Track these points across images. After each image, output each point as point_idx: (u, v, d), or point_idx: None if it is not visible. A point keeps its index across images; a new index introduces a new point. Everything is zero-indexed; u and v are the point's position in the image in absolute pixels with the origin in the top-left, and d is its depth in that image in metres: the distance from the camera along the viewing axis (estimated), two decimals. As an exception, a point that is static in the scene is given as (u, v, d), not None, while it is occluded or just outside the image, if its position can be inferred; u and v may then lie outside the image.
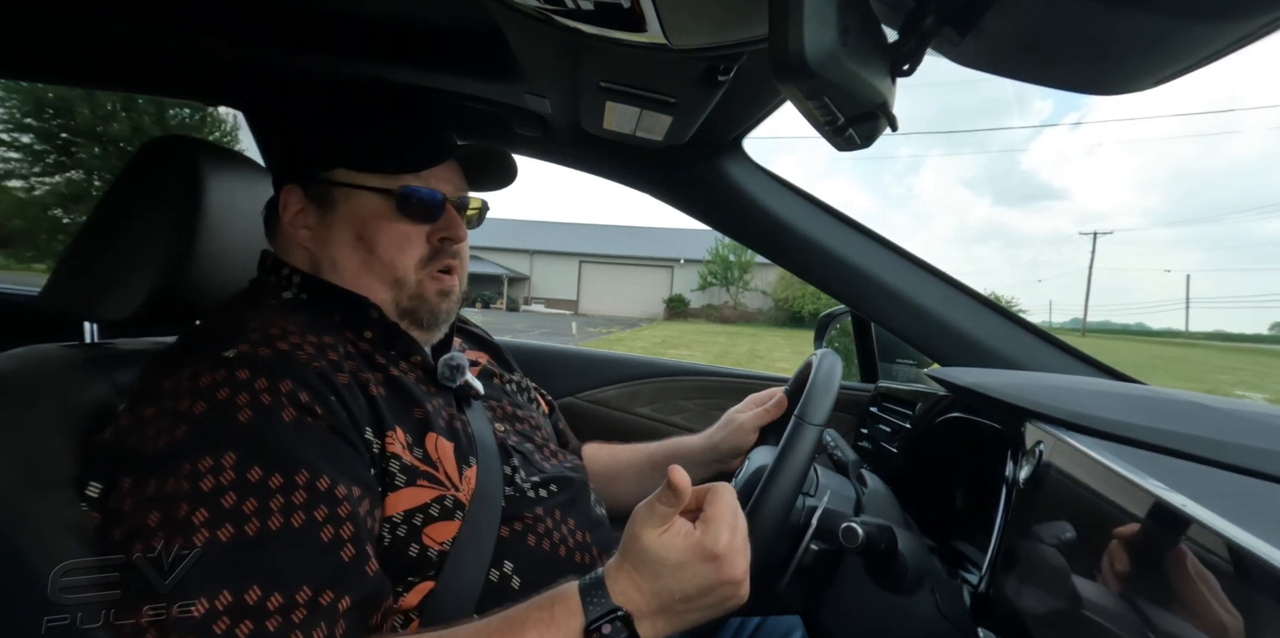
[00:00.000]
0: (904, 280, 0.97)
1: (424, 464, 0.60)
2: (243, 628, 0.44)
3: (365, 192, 0.66)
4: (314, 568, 0.48)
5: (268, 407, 0.51)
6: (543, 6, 0.57)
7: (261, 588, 0.45)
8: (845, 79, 0.38)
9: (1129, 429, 0.50)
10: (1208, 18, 0.35)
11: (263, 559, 0.47)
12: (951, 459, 0.91)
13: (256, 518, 0.47)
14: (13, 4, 0.77)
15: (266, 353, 0.54)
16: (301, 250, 0.68)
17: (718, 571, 0.50)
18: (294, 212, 0.67)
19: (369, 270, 0.66)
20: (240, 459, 0.48)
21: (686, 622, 0.51)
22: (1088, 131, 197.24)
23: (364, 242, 0.66)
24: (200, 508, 0.46)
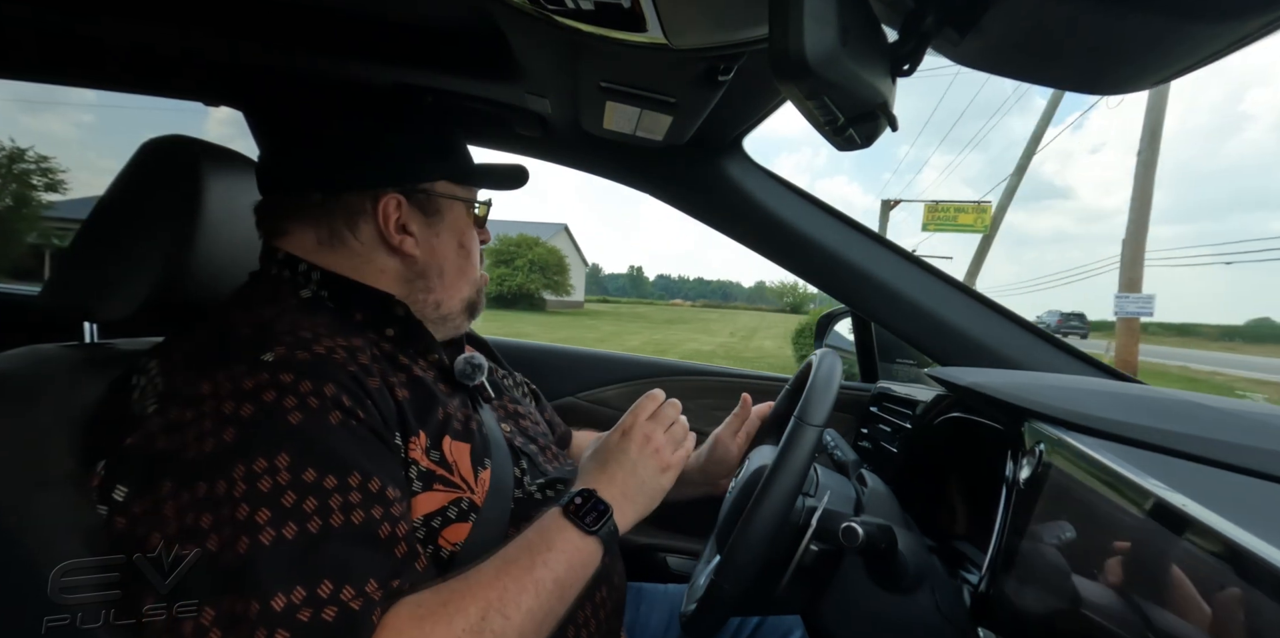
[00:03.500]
0: (904, 280, 0.97)
1: (440, 467, 0.60)
2: (327, 613, 0.45)
3: (462, 204, 0.73)
4: (378, 562, 0.49)
5: (315, 410, 0.51)
6: (543, 7, 0.57)
7: (333, 582, 0.46)
8: (845, 79, 0.38)
9: (1129, 429, 0.50)
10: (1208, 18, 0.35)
11: (331, 555, 0.47)
12: (951, 459, 0.91)
13: (318, 517, 0.48)
14: (13, 4, 0.77)
15: (305, 356, 0.54)
16: (393, 257, 0.68)
17: (630, 436, 0.70)
18: (394, 219, 0.67)
19: (463, 274, 0.74)
20: (294, 461, 0.49)
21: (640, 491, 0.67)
22: (1091, 130, 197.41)
23: (464, 249, 0.74)
24: (262, 508, 0.46)
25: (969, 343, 0.93)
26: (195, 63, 0.90)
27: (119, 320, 0.66)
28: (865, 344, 1.44)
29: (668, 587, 0.99)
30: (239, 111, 1.03)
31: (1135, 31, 0.37)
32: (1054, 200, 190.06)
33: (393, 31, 0.80)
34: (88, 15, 0.77)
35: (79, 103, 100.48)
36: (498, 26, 0.67)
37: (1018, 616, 0.54)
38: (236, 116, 1.04)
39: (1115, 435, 0.51)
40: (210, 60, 0.89)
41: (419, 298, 0.70)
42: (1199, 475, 0.44)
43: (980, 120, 10.23)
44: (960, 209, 10.53)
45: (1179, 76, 0.41)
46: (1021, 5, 0.38)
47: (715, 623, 0.61)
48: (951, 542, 0.84)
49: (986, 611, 0.60)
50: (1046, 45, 0.42)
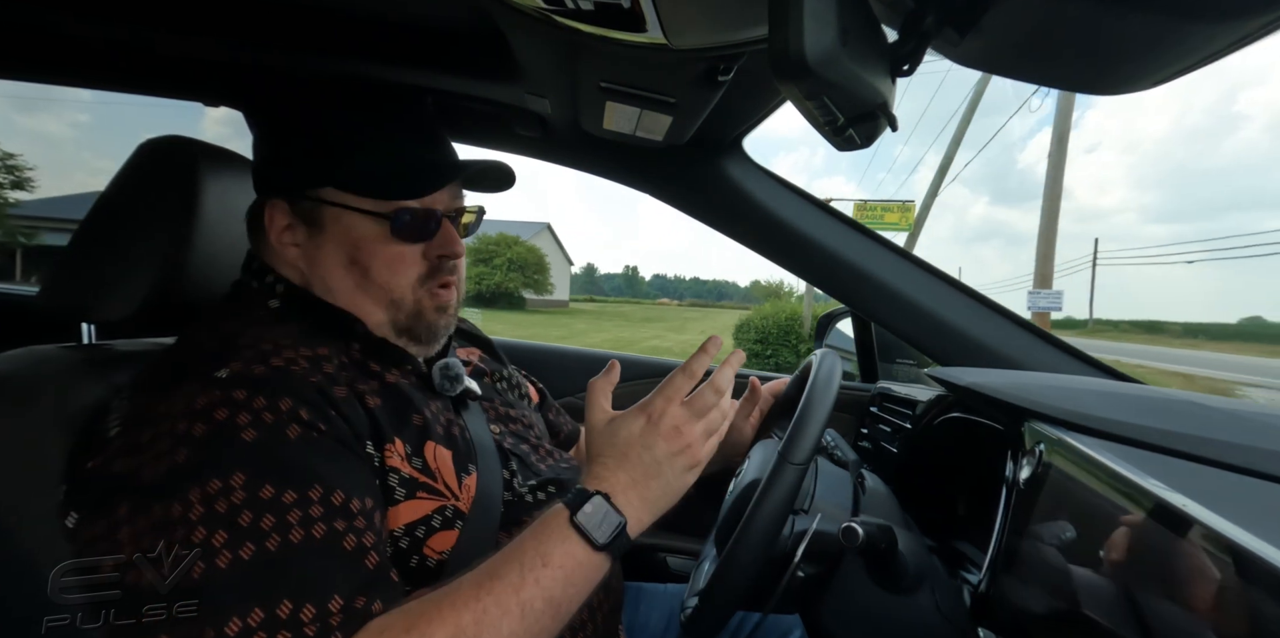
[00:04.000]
0: (904, 280, 0.97)
1: (423, 475, 0.59)
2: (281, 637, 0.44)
3: (356, 213, 0.63)
4: (343, 576, 0.47)
5: (270, 425, 0.50)
6: (543, 7, 0.57)
7: (293, 601, 0.45)
8: (845, 79, 0.38)
9: (1129, 429, 0.50)
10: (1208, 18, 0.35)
11: (290, 573, 0.46)
12: (951, 459, 0.91)
13: (276, 534, 0.46)
14: (13, 4, 0.77)
15: (261, 370, 0.53)
16: (291, 267, 0.66)
17: (655, 423, 0.58)
18: (280, 227, 0.64)
19: (364, 292, 0.64)
20: (250, 479, 0.47)
21: (659, 492, 0.57)
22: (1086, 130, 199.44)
23: (357, 265, 0.63)
24: (219, 530, 0.45)
25: (969, 343, 0.93)
26: (195, 63, 0.90)
27: (117, 321, 0.66)
28: (865, 344, 1.44)
29: (667, 587, 0.99)
30: (236, 112, 1.03)
31: (1135, 31, 0.37)
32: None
33: (393, 32, 0.80)
34: (88, 15, 0.77)
35: (73, 100, 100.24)
36: (498, 27, 0.66)
37: (1018, 616, 0.54)
38: (233, 117, 1.04)
39: (1115, 435, 0.51)
40: (210, 60, 0.89)
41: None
42: (1199, 476, 0.44)
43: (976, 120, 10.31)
44: (886, 208, 10.75)
45: (1179, 76, 0.41)
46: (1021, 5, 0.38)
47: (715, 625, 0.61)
48: (951, 542, 0.84)
49: (986, 611, 0.60)
50: (1046, 45, 0.42)
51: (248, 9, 0.77)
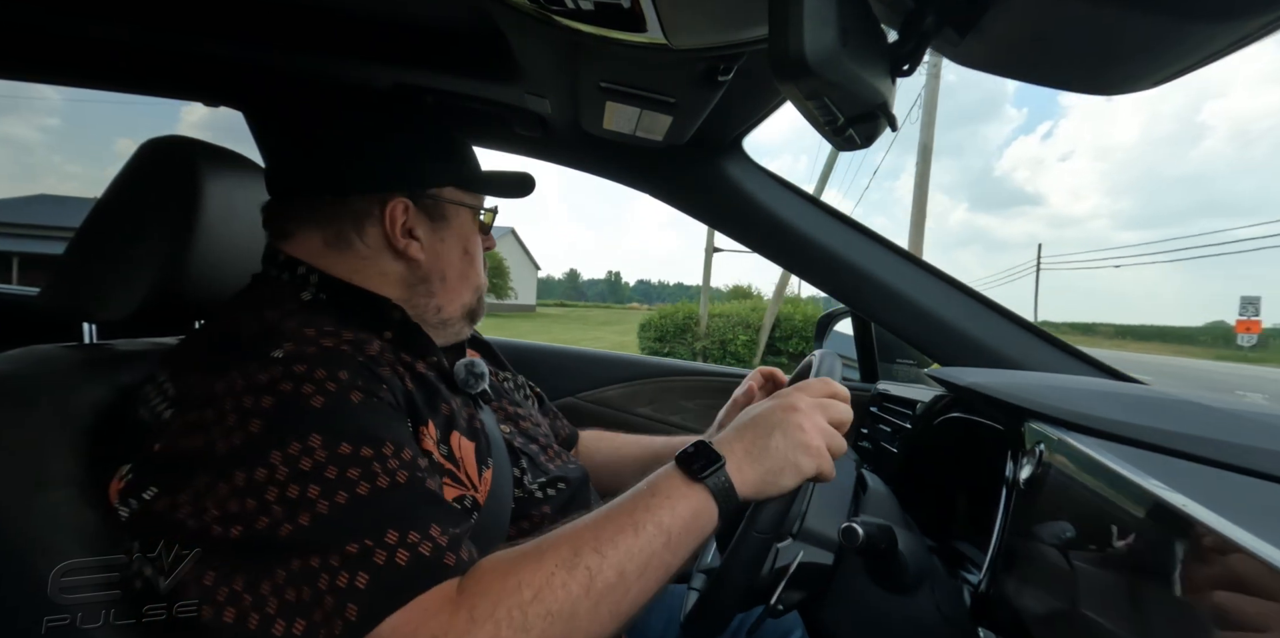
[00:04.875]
0: (904, 280, 0.97)
1: (448, 463, 0.60)
2: (400, 556, 0.46)
3: (467, 210, 0.73)
4: (436, 511, 0.51)
5: (334, 393, 0.52)
6: (543, 7, 0.57)
7: (398, 531, 0.47)
8: (845, 79, 0.38)
9: (1129, 429, 0.50)
10: (1208, 18, 0.35)
11: (387, 509, 0.48)
12: (951, 459, 0.91)
13: (364, 482, 0.48)
14: (13, 4, 0.77)
15: (314, 350, 0.55)
16: (397, 261, 0.68)
17: (787, 413, 0.58)
18: (401, 224, 0.68)
19: (465, 280, 0.74)
20: (327, 440, 0.49)
21: (761, 449, 0.57)
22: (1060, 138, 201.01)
23: (468, 255, 0.74)
24: (310, 484, 0.47)
25: (969, 343, 0.93)
26: (195, 63, 0.90)
27: (118, 321, 0.66)
28: (865, 344, 1.44)
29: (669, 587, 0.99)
30: (216, 116, 1.03)
31: (1135, 31, 0.37)
32: (1025, 207, 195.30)
33: (393, 32, 0.80)
34: (87, 15, 0.77)
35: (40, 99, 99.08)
36: (498, 27, 0.67)
37: (1018, 616, 0.54)
38: (210, 121, 1.04)
39: (1115, 435, 0.51)
40: (210, 60, 0.89)
41: (420, 302, 0.70)
42: (1199, 476, 0.44)
43: (954, 129, 10.30)
44: None
45: (1179, 76, 0.41)
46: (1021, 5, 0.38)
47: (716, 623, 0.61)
48: (951, 542, 0.84)
49: (986, 611, 0.60)
50: (1046, 45, 0.42)
51: (248, 9, 0.77)
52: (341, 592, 0.44)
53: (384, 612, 0.44)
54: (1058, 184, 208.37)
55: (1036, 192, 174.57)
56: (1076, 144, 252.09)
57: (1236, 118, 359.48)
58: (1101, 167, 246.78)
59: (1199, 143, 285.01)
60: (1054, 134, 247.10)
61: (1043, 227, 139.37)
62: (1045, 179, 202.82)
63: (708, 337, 11.20)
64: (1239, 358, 25.57)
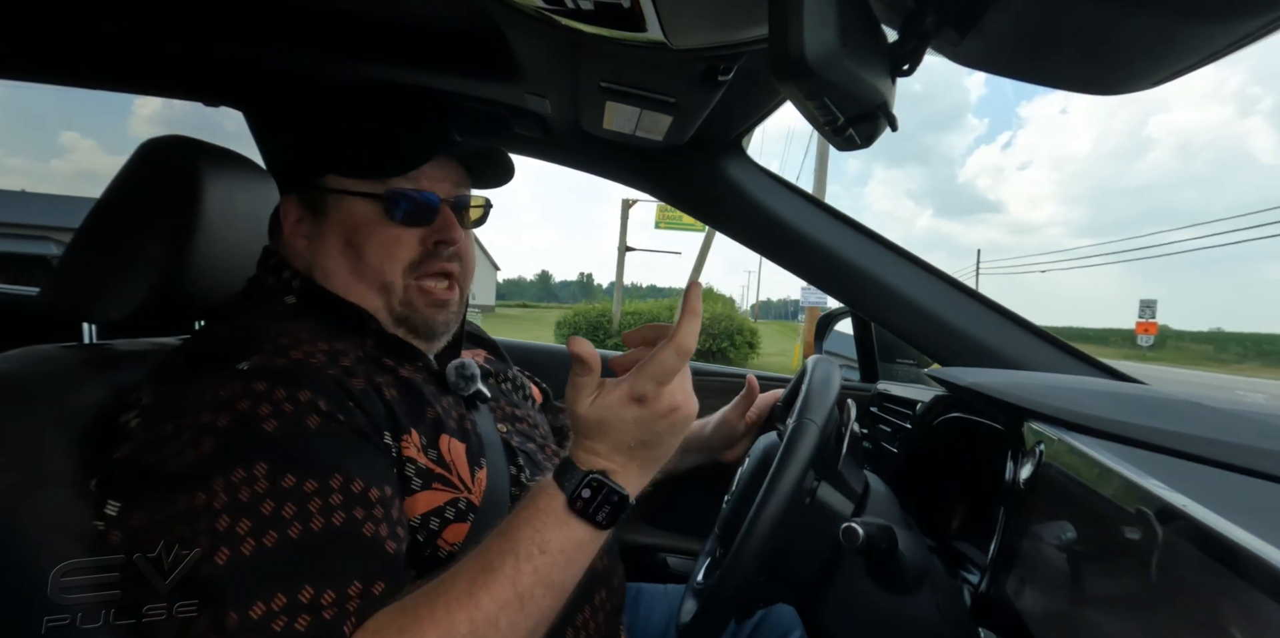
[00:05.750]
0: (904, 280, 0.97)
1: (438, 467, 0.60)
2: (300, 623, 0.45)
3: (355, 197, 0.65)
4: (362, 563, 0.49)
5: (291, 415, 0.51)
6: (543, 7, 0.57)
7: (314, 587, 0.46)
8: (845, 79, 0.38)
9: (1129, 429, 0.50)
10: (1208, 18, 0.35)
11: (311, 559, 0.47)
12: (951, 459, 0.91)
13: (298, 522, 0.47)
14: (13, 4, 0.77)
15: (280, 362, 0.54)
16: (299, 258, 0.68)
17: (652, 407, 0.52)
18: (293, 221, 0.67)
19: (359, 277, 0.65)
20: (272, 469, 0.48)
21: (656, 459, 0.54)
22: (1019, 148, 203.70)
23: (353, 247, 0.65)
24: (242, 518, 0.46)
25: (969, 343, 0.93)
26: (195, 63, 0.90)
27: (118, 321, 0.66)
28: (865, 344, 1.44)
29: (667, 587, 0.99)
30: (164, 107, 1.02)
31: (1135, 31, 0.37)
32: (986, 214, 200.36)
33: (393, 32, 0.80)
34: (88, 15, 0.77)
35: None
36: (498, 26, 0.67)
37: (1018, 616, 0.54)
38: (167, 115, 1.04)
39: (1115, 435, 0.51)
40: (210, 60, 0.89)
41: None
42: (1199, 476, 0.44)
43: (920, 137, 10.22)
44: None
45: (1179, 76, 0.41)
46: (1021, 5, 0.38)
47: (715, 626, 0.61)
48: (951, 542, 0.84)
49: (986, 611, 0.60)
50: (1047, 46, 0.42)
51: (248, 9, 0.77)
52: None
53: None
54: (1017, 193, 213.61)
55: (997, 199, 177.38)
56: (1034, 154, 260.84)
57: (1179, 132, 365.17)
58: (1057, 177, 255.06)
59: (1145, 155, 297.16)
60: (1013, 144, 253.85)
61: (1003, 234, 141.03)
62: (1005, 188, 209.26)
63: (619, 334, 11.44)
64: (1139, 357, 26.85)
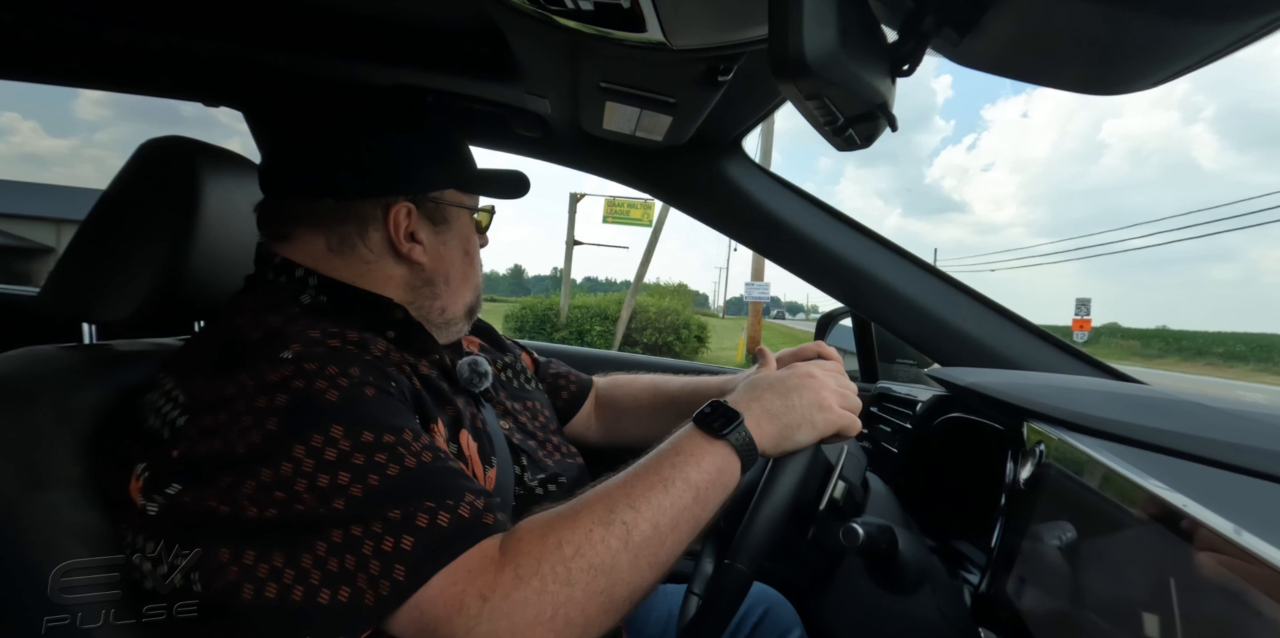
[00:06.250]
0: (904, 280, 0.97)
1: (458, 460, 0.60)
2: (442, 518, 0.47)
3: (466, 212, 0.75)
4: (465, 482, 0.52)
5: (348, 387, 0.52)
6: (543, 7, 0.57)
7: (434, 500, 0.48)
8: (845, 79, 0.38)
9: (1129, 429, 0.50)
10: (1208, 18, 0.35)
11: (419, 486, 0.49)
12: (951, 459, 0.91)
13: (394, 463, 0.49)
14: (13, 4, 0.77)
15: (322, 350, 0.55)
16: (400, 265, 0.69)
17: (795, 373, 0.65)
18: (405, 228, 0.68)
19: (467, 279, 0.75)
20: (348, 430, 0.50)
21: (779, 405, 0.61)
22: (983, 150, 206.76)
23: (468, 255, 0.75)
24: (340, 471, 0.48)
25: (969, 343, 0.93)
26: (195, 63, 0.90)
27: (118, 321, 0.66)
28: (865, 344, 1.44)
29: (667, 587, 0.99)
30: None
31: (1135, 31, 0.37)
32: (953, 213, 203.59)
33: (393, 32, 0.80)
34: (88, 15, 0.77)
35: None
36: (498, 27, 0.67)
37: (1018, 616, 0.54)
38: (120, 96, 1.03)
39: (1115, 435, 0.51)
40: (210, 60, 0.89)
41: (425, 304, 0.71)
42: (1199, 475, 0.44)
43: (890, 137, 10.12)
44: (632, 205, 11.84)
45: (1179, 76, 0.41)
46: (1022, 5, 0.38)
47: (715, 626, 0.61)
48: (951, 542, 0.84)
49: (987, 611, 0.60)
50: (1046, 46, 0.42)
51: (248, 9, 0.77)
52: (387, 554, 0.45)
53: (431, 571, 0.45)
54: (981, 193, 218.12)
55: (963, 199, 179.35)
56: (997, 156, 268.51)
57: (1131, 137, 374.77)
58: (1018, 178, 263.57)
59: (1100, 159, 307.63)
60: (978, 146, 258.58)
61: (969, 233, 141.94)
62: (970, 188, 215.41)
63: (566, 327, 11.56)
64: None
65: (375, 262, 0.68)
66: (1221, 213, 32.46)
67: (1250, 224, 26.44)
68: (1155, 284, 21.70)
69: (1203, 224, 29.86)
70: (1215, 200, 28.91)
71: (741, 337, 13.11)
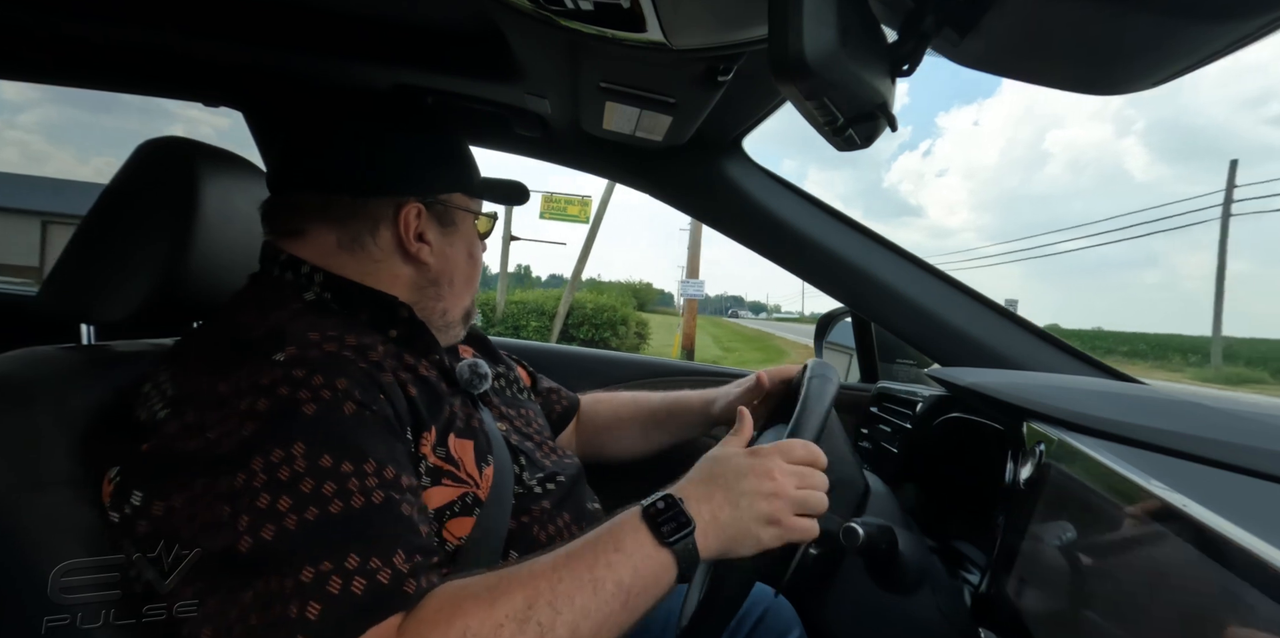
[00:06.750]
0: (904, 280, 0.97)
1: (446, 464, 0.61)
2: (356, 584, 0.45)
3: (471, 216, 0.76)
4: (404, 535, 0.50)
5: (329, 401, 0.52)
6: (543, 7, 0.57)
7: (359, 555, 0.46)
8: (845, 79, 0.38)
9: (1129, 429, 0.50)
10: (1208, 18, 0.35)
11: (354, 531, 0.48)
12: (951, 459, 0.91)
13: (338, 499, 0.48)
14: (13, 4, 0.77)
15: (316, 354, 0.55)
16: (407, 265, 0.69)
17: (760, 480, 0.57)
18: (414, 229, 0.69)
19: (469, 284, 0.76)
20: (309, 449, 0.49)
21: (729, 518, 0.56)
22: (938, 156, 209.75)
23: (472, 258, 0.76)
24: (282, 496, 0.47)
25: (969, 343, 0.93)
26: (195, 63, 0.90)
27: (116, 322, 0.66)
28: (865, 344, 1.44)
29: None
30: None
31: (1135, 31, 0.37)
32: (909, 217, 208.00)
33: (393, 32, 0.80)
34: (88, 16, 0.77)
35: None
36: (498, 27, 0.67)
37: (1018, 616, 0.54)
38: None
39: (1115, 435, 0.51)
40: (210, 60, 0.89)
41: (428, 305, 0.71)
42: (1199, 476, 0.44)
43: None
44: (569, 202, 12.01)
45: (1179, 76, 0.41)
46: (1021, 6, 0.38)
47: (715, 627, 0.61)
48: (951, 542, 0.84)
49: (987, 611, 0.60)
50: (1046, 45, 0.42)
51: (248, 9, 0.77)
52: (292, 623, 0.43)
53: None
54: (936, 198, 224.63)
55: (919, 204, 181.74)
56: (950, 162, 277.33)
57: (1071, 147, 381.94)
58: (970, 184, 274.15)
59: (1043, 168, 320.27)
60: (933, 151, 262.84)
61: (924, 237, 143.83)
62: (926, 193, 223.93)
63: (502, 323, 11.69)
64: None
65: (383, 260, 0.68)
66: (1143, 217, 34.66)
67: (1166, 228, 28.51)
68: (1093, 287, 21.74)
69: (1127, 227, 31.85)
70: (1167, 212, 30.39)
71: (677, 333, 13.34)
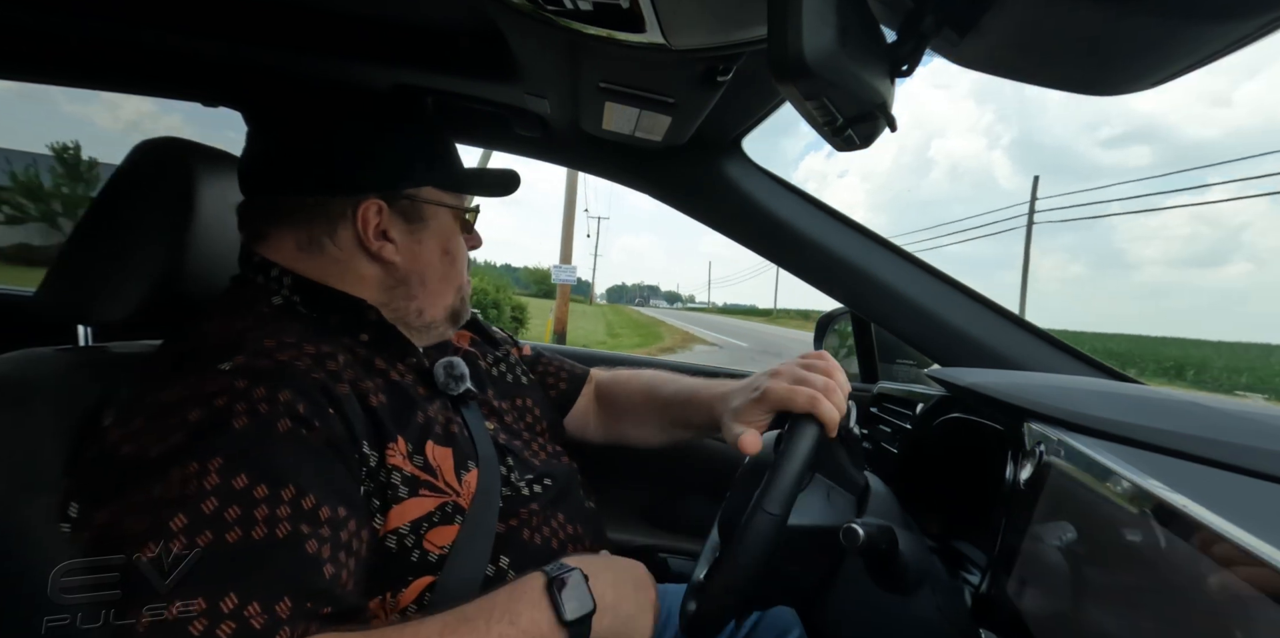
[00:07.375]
0: (904, 280, 0.97)
1: (424, 473, 0.60)
2: (223, 630, 0.43)
3: (446, 210, 0.72)
4: (297, 579, 0.47)
5: (264, 416, 0.50)
6: (542, 7, 0.57)
7: (239, 597, 0.44)
8: (844, 79, 0.38)
9: (1129, 429, 0.50)
10: (1208, 18, 0.35)
11: (241, 568, 0.45)
12: (951, 459, 0.91)
13: (238, 527, 0.46)
14: (13, 4, 0.77)
15: (265, 363, 0.53)
16: (373, 264, 0.67)
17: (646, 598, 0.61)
18: (375, 226, 0.66)
19: (447, 280, 0.73)
20: (225, 465, 0.47)
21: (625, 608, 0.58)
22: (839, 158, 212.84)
23: (448, 255, 0.72)
24: (180, 513, 0.45)
25: (969, 343, 0.93)
26: (195, 63, 0.90)
27: (114, 323, 0.66)
28: (865, 345, 1.44)
29: (667, 587, 0.98)
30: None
31: (1135, 32, 0.37)
32: None
33: (392, 32, 0.80)
34: (88, 15, 0.77)
35: None
36: (497, 27, 0.67)
37: (1018, 616, 0.54)
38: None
39: (1115, 435, 0.51)
40: (210, 60, 0.89)
41: (400, 305, 0.69)
42: (1199, 476, 0.44)
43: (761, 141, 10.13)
44: None
45: (1179, 76, 0.41)
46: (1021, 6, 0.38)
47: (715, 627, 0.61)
48: (951, 542, 0.84)
49: (987, 611, 0.60)
50: (1046, 46, 0.42)
51: (247, 9, 0.77)
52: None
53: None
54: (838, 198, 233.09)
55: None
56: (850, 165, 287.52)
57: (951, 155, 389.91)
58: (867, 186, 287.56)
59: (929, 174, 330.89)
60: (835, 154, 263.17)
61: None
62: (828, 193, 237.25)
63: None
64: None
65: (346, 261, 0.66)
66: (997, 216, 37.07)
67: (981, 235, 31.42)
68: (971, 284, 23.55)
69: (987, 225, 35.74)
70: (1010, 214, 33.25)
71: (549, 318, 13.61)
